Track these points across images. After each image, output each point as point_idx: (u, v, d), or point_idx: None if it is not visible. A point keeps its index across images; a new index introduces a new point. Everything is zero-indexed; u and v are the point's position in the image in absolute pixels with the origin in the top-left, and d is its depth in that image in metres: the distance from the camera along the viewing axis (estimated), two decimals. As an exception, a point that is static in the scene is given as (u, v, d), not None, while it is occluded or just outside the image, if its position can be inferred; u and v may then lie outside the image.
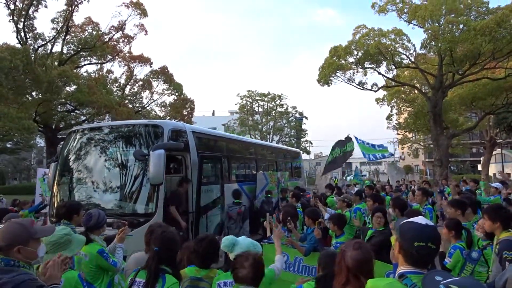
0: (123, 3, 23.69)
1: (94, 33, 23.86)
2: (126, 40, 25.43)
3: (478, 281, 2.32)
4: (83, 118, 24.73)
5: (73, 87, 21.01)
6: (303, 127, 44.38)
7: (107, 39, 24.42)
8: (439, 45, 17.41)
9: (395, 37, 19.49)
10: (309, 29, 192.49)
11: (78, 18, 41.48)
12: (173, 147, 6.04)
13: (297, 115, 43.69)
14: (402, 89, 25.59)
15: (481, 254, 3.72)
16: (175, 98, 28.73)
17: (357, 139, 12.68)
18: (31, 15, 20.85)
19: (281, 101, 41.98)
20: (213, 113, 65.43)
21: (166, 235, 2.67)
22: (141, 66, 27.09)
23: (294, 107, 43.16)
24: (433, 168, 22.35)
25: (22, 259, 1.92)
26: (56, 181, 6.51)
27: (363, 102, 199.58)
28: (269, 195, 8.93)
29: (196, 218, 6.51)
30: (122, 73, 27.54)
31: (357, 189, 11.16)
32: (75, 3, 21.97)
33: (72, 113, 24.77)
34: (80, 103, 21.80)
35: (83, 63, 25.48)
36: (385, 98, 26.93)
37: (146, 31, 25.10)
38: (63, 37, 22.68)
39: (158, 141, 5.91)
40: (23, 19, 20.49)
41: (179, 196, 6.29)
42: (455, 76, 20.16)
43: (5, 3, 19.63)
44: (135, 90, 27.93)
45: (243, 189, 8.59)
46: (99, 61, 25.70)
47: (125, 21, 24.16)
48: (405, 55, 20.48)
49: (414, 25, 19.94)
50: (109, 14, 74.96)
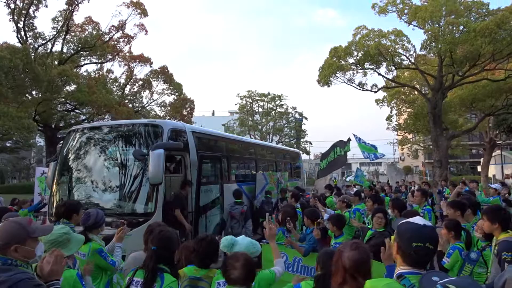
0: (123, 2, 23.71)
1: (94, 32, 23.87)
2: (126, 40, 25.44)
3: (475, 281, 2.32)
4: (83, 117, 24.75)
5: (73, 86, 21.01)
6: (303, 127, 44.46)
7: (107, 39, 24.42)
8: (439, 46, 17.38)
9: (395, 38, 19.44)
10: (309, 29, 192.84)
11: (79, 18, 41.59)
12: (173, 146, 6.04)
13: (297, 116, 43.71)
14: (402, 90, 25.54)
15: (480, 255, 3.71)
16: (175, 98, 28.72)
17: (359, 139, 12.54)
18: (31, 14, 20.86)
19: (281, 101, 42.02)
20: (213, 113, 65.50)
21: (164, 234, 2.67)
22: (141, 65, 27.08)
23: (294, 108, 43.29)
24: (432, 169, 22.33)
25: (19, 258, 1.91)
26: (55, 180, 6.51)
27: (363, 103, 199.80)
28: (268, 195, 8.93)
29: (195, 218, 6.51)
30: (122, 73, 27.57)
31: (355, 189, 11.14)
32: (76, 2, 21.95)
33: (72, 113, 24.79)
34: (80, 102, 21.78)
35: (83, 63, 25.51)
36: (385, 99, 26.89)
37: (146, 31, 25.13)
38: (63, 36, 22.68)
39: (157, 140, 5.90)
40: (23, 18, 20.49)
41: (183, 199, 6.29)
42: (455, 77, 20.14)
43: (5, 2, 19.63)
44: (135, 90, 27.91)
45: (242, 189, 8.59)
46: (99, 61, 25.71)
47: (125, 20, 24.20)
48: (405, 56, 20.45)
49: (414, 26, 19.90)
50: (109, 14, 75.03)
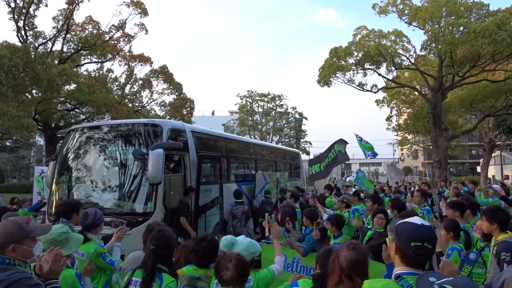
0: (123, 2, 23.65)
1: (95, 32, 23.83)
2: (126, 39, 25.38)
3: (472, 281, 2.32)
4: (82, 116, 24.75)
5: (73, 85, 20.95)
6: (303, 127, 44.43)
7: (107, 38, 24.37)
8: (439, 47, 17.38)
9: (396, 38, 19.45)
10: (309, 29, 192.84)
11: (79, 17, 41.72)
12: (172, 146, 6.04)
13: (296, 116, 43.69)
14: (402, 90, 25.53)
15: (479, 256, 3.71)
16: (175, 97, 28.70)
17: (360, 139, 12.47)
18: (31, 13, 20.83)
19: (281, 101, 42.00)
20: (212, 113, 65.51)
21: (162, 233, 2.66)
22: (141, 65, 27.09)
23: (294, 108, 43.26)
24: (432, 170, 22.34)
25: (17, 257, 1.90)
26: (55, 179, 6.50)
27: (363, 103, 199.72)
28: (268, 195, 8.92)
29: (195, 218, 6.51)
30: (122, 72, 27.59)
31: (354, 189, 11.11)
32: (76, 1, 21.91)
33: (71, 112, 24.76)
34: (79, 101, 21.74)
35: (83, 62, 25.46)
36: (385, 99, 26.89)
37: (146, 30, 25.05)
38: (63, 35, 22.64)
39: (157, 140, 5.90)
40: (23, 17, 20.47)
41: (188, 207, 6.29)
42: (455, 78, 20.14)
43: (5, 1, 19.60)
44: (135, 89, 27.92)
45: (242, 189, 8.59)
46: (99, 60, 25.69)
47: (126, 20, 24.14)
48: (405, 56, 20.46)
49: (415, 26, 19.90)
50: (109, 13, 75.18)
